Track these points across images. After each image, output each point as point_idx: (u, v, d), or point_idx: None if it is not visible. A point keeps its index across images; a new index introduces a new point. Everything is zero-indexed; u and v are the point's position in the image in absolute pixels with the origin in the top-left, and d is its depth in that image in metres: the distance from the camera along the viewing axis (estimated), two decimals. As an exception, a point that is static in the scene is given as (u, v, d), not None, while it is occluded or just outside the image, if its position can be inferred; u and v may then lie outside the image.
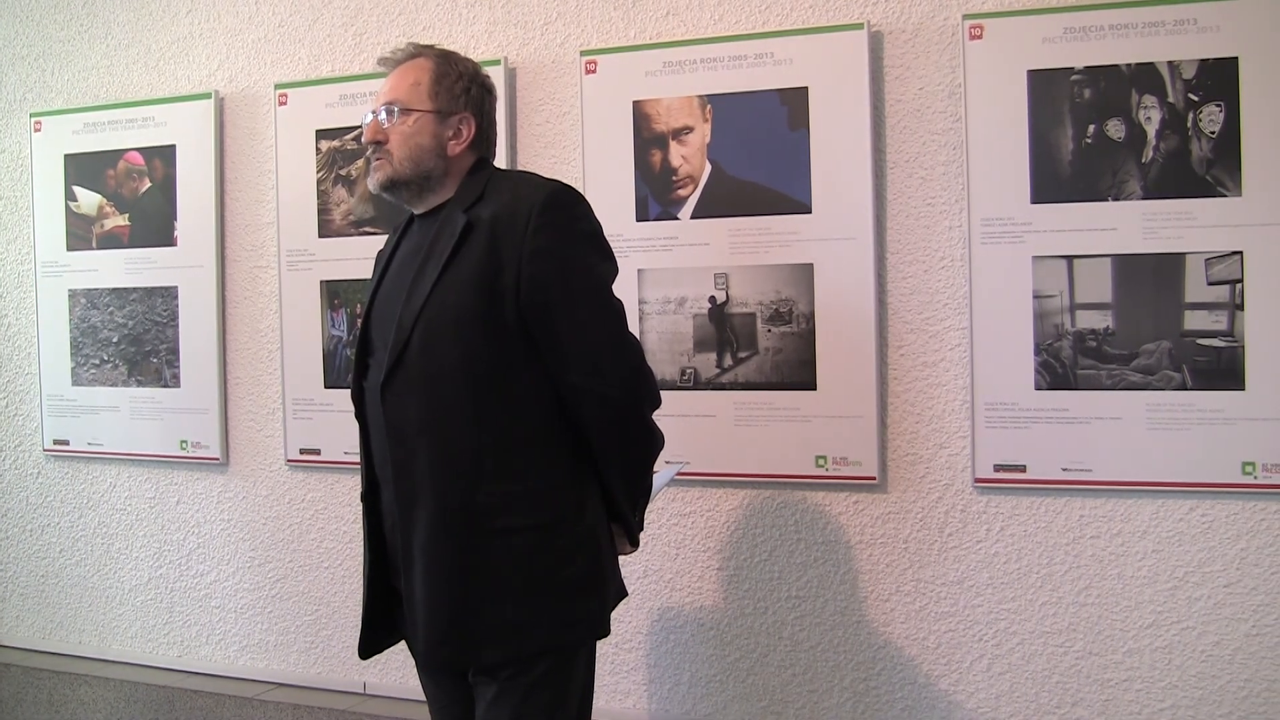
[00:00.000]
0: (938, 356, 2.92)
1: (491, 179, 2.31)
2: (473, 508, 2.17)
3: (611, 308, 2.25)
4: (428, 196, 2.33)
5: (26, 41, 4.11)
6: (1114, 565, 2.78)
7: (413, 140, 2.29)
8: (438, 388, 2.19)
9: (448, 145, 2.31)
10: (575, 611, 2.23)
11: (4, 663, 4.00)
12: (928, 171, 2.92)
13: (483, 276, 2.17)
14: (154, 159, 3.86)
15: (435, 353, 2.20)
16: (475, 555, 2.18)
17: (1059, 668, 2.82)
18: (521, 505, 2.19)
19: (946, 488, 2.91)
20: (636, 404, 2.26)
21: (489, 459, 2.18)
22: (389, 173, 2.30)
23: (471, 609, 2.18)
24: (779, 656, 3.07)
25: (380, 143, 2.31)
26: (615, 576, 2.37)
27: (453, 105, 2.32)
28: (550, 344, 2.19)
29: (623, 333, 2.26)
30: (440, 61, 2.35)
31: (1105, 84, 2.77)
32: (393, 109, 2.30)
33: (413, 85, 2.32)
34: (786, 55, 3.03)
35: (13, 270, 4.14)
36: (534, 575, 2.19)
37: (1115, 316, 2.76)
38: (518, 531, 2.18)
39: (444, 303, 2.19)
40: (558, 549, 2.21)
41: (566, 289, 2.18)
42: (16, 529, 4.14)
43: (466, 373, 2.18)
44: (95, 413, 3.96)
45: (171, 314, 3.82)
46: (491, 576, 2.18)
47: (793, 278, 3.02)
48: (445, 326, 2.18)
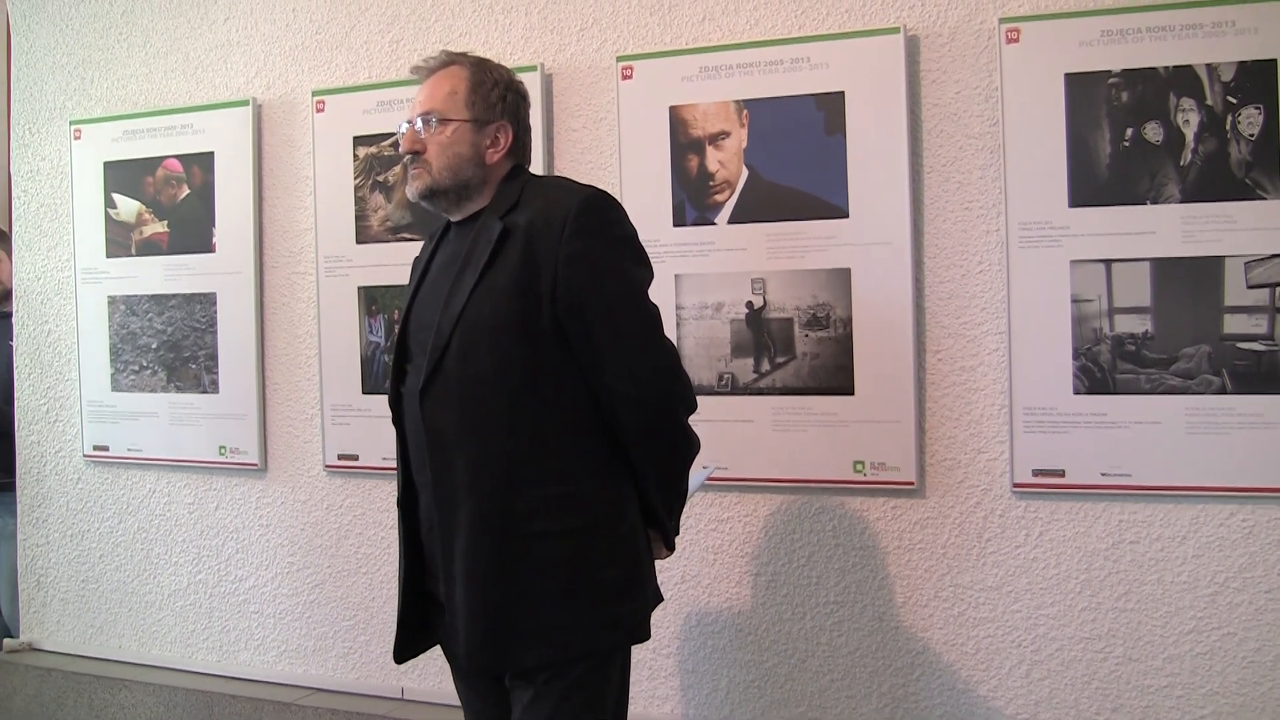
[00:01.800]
0: (975, 361, 2.99)
1: (527, 185, 2.38)
2: (511, 512, 2.24)
3: (647, 311, 2.32)
4: (465, 204, 2.41)
5: (66, 50, 4.25)
6: (1154, 570, 2.84)
7: (451, 149, 2.36)
8: (476, 393, 2.26)
9: (485, 154, 2.38)
10: (614, 615, 2.30)
11: (45, 667, 4.13)
12: (965, 175, 2.99)
13: (519, 282, 2.24)
14: (192, 166, 3.99)
15: (473, 358, 2.26)
16: (514, 559, 2.25)
17: (1099, 674, 2.88)
18: (560, 509, 2.26)
19: (985, 493, 2.98)
20: (671, 407, 2.33)
21: (527, 463, 2.25)
22: (428, 182, 2.37)
23: (511, 613, 2.25)
24: (817, 662, 3.14)
25: (418, 152, 2.38)
26: (653, 581, 2.43)
27: (489, 114, 2.39)
28: (586, 348, 2.26)
29: (658, 336, 2.33)
30: (476, 70, 2.42)
31: (1143, 87, 2.83)
32: (430, 118, 2.38)
33: (449, 94, 2.39)
34: (823, 60, 3.10)
35: (53, 277, 4.28)
36: (573, 579, 2.26)
37: (1154, 320, 2.82)
38: (556, 535, 2.25)
39: (481, 309, 2.26)
40: (596, 552, 2.28)
41: (602, 293, 2.25)
42: (57, 534, 4.27)
43: (504, 377, 2.25)
44: (135, 418, 4.08)
45: (210, 320, 3.94)
46: (531, 580, 2.25)
47: (830, 282, 3.09)
48: (483, 332, 2.25)
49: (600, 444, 2.32)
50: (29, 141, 4.34)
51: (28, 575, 4.33)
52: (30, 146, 4.34)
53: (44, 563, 4.30)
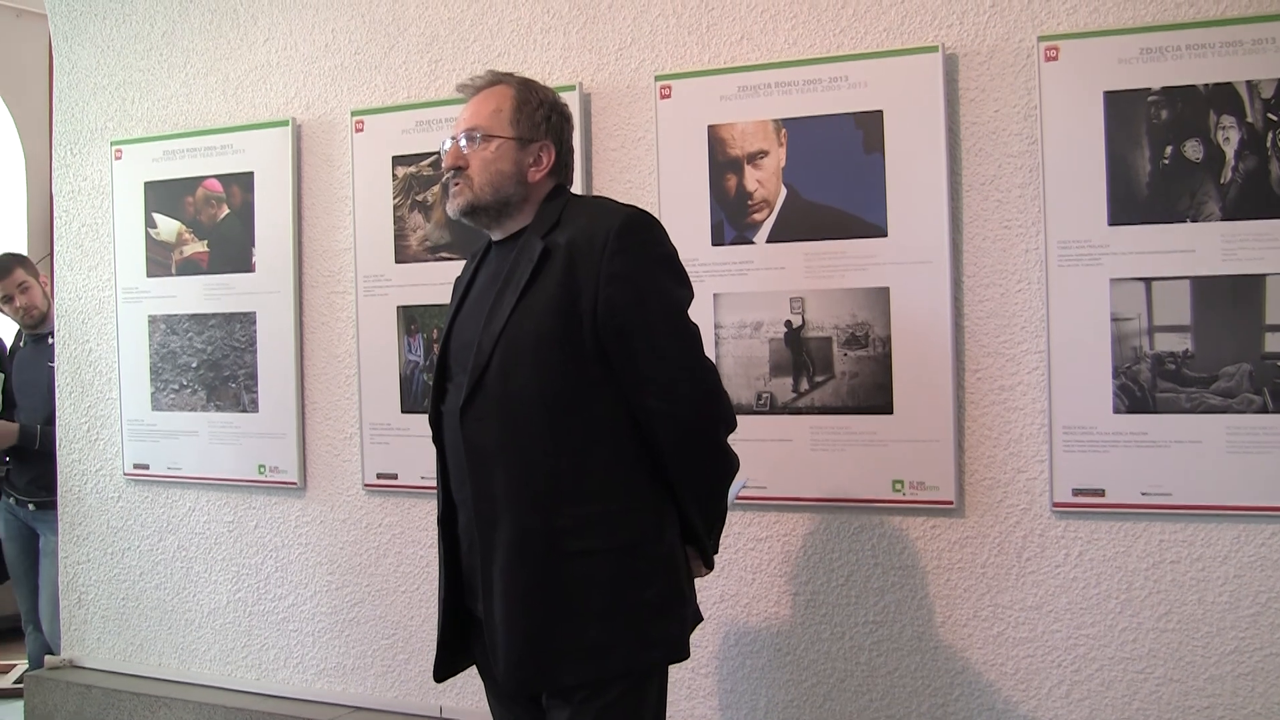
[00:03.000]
0: (1015, 380, 3.04)
1: (569, 205, 2.45)
2: (551, 530, 2.30)
3: (687, 331, 2.38)
4: (506, 222, 2.48)
5: (107, 71, 4.38)
6: (1194, 590, 2.88)
7: (493, 166, 2.43)
8: (516, 411, 2.33)
9: (528, 172, 2.45)
10: (653, 634, 2.35)
11: (85, 684, 4.25)
12: (1004, 194, 3.05)
13: (560, 301, 2.30)
14: (232, 186, 4.10)
15: (514, 376, 2.33)
16: (554, 577, 2.30)
17: (1139, 694, 2.93)
18: (600, 527, 2.32)
19: (1024, 512, 3.03)
20: (711, 427, 2.39)
21: (567, 481, 2.31)
22: (469, 198, 2.44)
23: (549, 631, 2.30)
24: (856, 682, 3.20)
25: (461, 168, 2.45)
26: (693, 600, 2.48)
27: (533, 132, 2.46)
28: (626, 367, 2.32)
29: (698, 356, 2.39)
30: (521, 89, 2.49)
31: (1182, 104, 2.88)
32: (474, 135, 2.45)
33: (494, 112, 2.46)
34: (861, 79, 3.17)
35: (94, 296, 4.40)
36: (612, 598, 2.31)
37: (1194, 339, 2.87)
38: (596, 554, 2.31)
39: (522, 327, 2.32)
40: (636, 571, 2.34)
41: (642, 313, 2.32)
42: (98, 552, 4.39)
43: (544, 396, 2.31)
44: (175, 437, 4.20)
45: (250, 339, 4.05)
46: (570, 599, 2.30)
47: (869, 301, 3.16)
48: (524, 350, 2.32)
49: (640, 463, 2.37)
50: (70, 162, 4.48)
51: (68, 593, 4.46)
52: (72, 167, 4.47)
53: (84, 580, 4.42)
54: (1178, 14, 2.89)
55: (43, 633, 4.97)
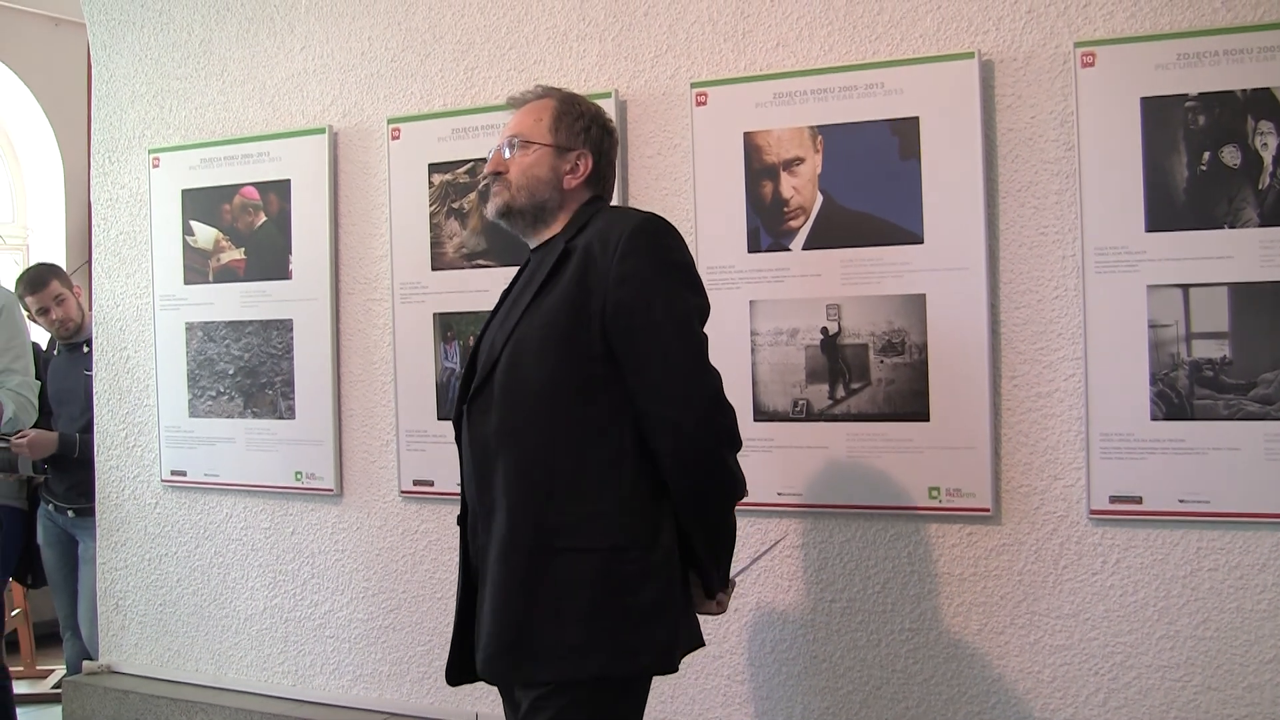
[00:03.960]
0: (1052, 387, 3.08)
1: (598, 213, 2.52)
2: (543, 524, 2.35)
3: (693, 338, 2.41)
4: (541, 228, 2.58)
5: (145, 79, 4.48)
6: (1233, 598, 2.92)
7: (531, 171, 2.54)
8: (516, 402, 2.40)
9: (564, 179, 2.55)
10: (637, 641, 2.35)
11: (123, 689, 4.34)
12: (1040, 200, 3.10)
13: (571, 300, 2.37)
14: (269, 193, 4.19)
15: (519, 369, 2.41)
16: (542, 572, 2.34)
17: (1177, 702, 2.97)
18: (592, 527, 2.35)
19: (1061, 519, 3.07)
20: (711, 438, 2.39)
21: (563, 477, 2.36)
22: (505, 199, 2.56)
23: (530, 626, 2.34)
24: (892, 690, 3.25)
25: (500, 173, 2.57)
26: (691, 616, 2.49)
27: (571, 141, 2.57)
28: (631, 369, 2.37)
29: (702, 364, 2.41)
30: (564, 101, 2.61)
31: (1220, 110, 2.92)
32: (515, 141, 2.56)
33: (535, 121, 2.58)
34: (897, 85, 3.22)
35: (132, 304, 4.50)
36: (597, 599, 2.33)
37: (1232, 346, 2.90)
38: (585, 552, 2.34)
39: (533, 323, 2.41)
40: (626, 575, 2.35)
41: (649, 315, 2.35)
42: (135, 558, 4.48)
43: (546, 389, 2.38)
44: (212, 444, 4.28)
45: (286, 346, 4.13)
46: (556, 595, 2.33)
47: (905, 308, 3.20)
48: (531, 344, 2.40)
49: (642, 468, 2.40)
50: (109, 170, 4.57)
51: (106, 598, 4.55)
52: (110, 175, 4.57)
53: (122, 586, 4.52)
54: (1215, 19, 2.92)
55: (81, 638, 5.07)
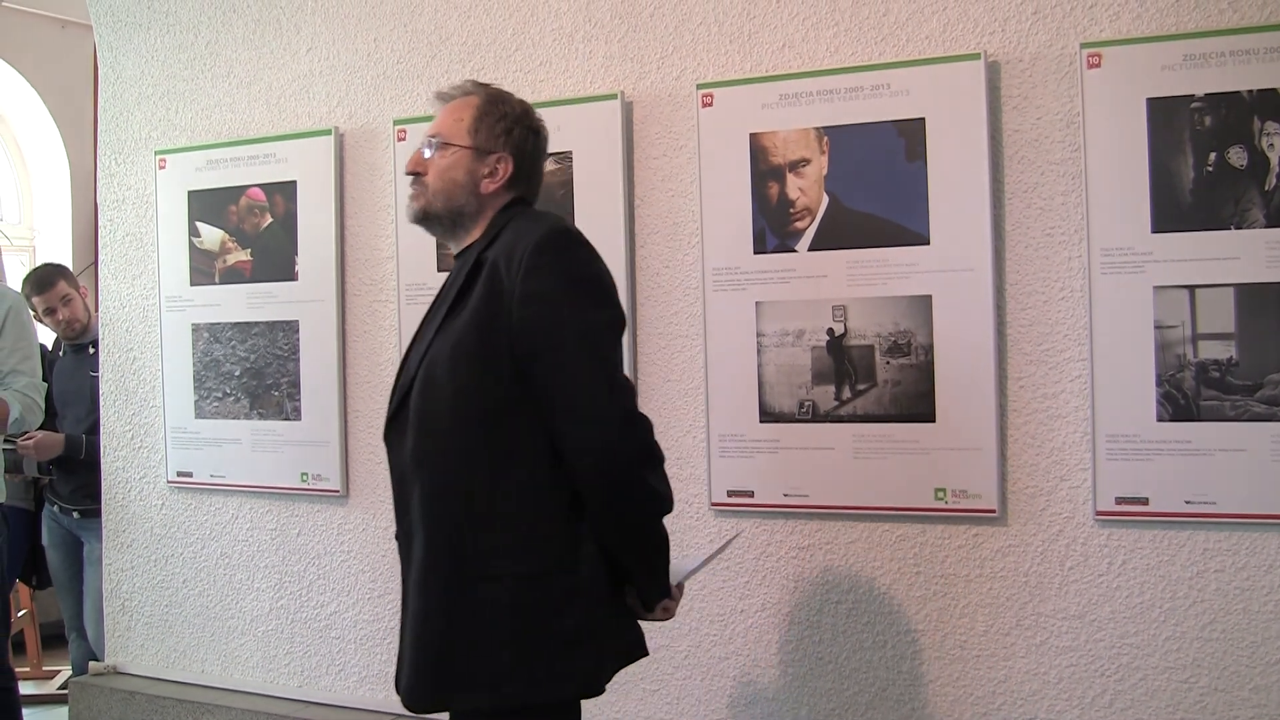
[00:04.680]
0: (1058, 388, 3.09)
1: (512, 220, 2.44)
2: (460, 551, 2.30)
3: (599, 356, 2.32)
4: (460, 234, 2.51)
5: (152, 81, 4.49)
6: (1239, 600, 2.92)
7: (447, 175, 2.46)
8: (431, 427, 2.35)
9: (481, 183, 2.46)
10: (561, 667, 2.30)
11: (129, 690, 4.36)
12: (1046, 201, 3.10)
13: (480, 319, 2.30)
14: (275, 195, 4.20)
15: (431, 393, 2.35)
16: (461, 600, 2.29)
17: (1183, 704, 2.97)
18: (511, 552, 2.29)
19: (1067, 520, 3.08)
20: (625, 457, 2.32)
21: (480, 502, 2.30)
22: (422, 204, 2.49)
23: (450, 654, 2.28)
24: (898, 691, 3.25)
25: (419, 174, 2.49)
26: (622, 633, 2.45)
27: (491, 144, 2.47)
28: (541, 390, 2.29)
29: (612, 383, 2.32)
30: (488, 100, 2.52)
31: (1226, 111, 2.92)
32: (433, 142, 2.49)
33: (455, 121, 2.49)
34: (903, 86, 3.23)
35: (138, 305, 4.51)
36: (519, 626, 2.27)
37: (1238, 347, 2.91)
38: (505, 579, 2.28)
39: (444, 344, 2.35)
40: (547, 600, 2.29)
41: (556, 335, 2.28)
42: (141, 559, 4.50)
43: (459, 413, 2.32)
44: (218, 445, 4.29)
45: (292, 348, 4.14)
46: (475, 624, 2.28)
47: (911, 309, 3.21)
48: (443, 366, 2.33)
49: (560, 489, 2.33)
50: (115, 171, 4.59)
51: (112, 599, 4.56)
52: (116, 176, 4.59)
53: (128, 587, 4.53)
54: (1221, 20, 2.93)
55: (86, 639, 5.08)
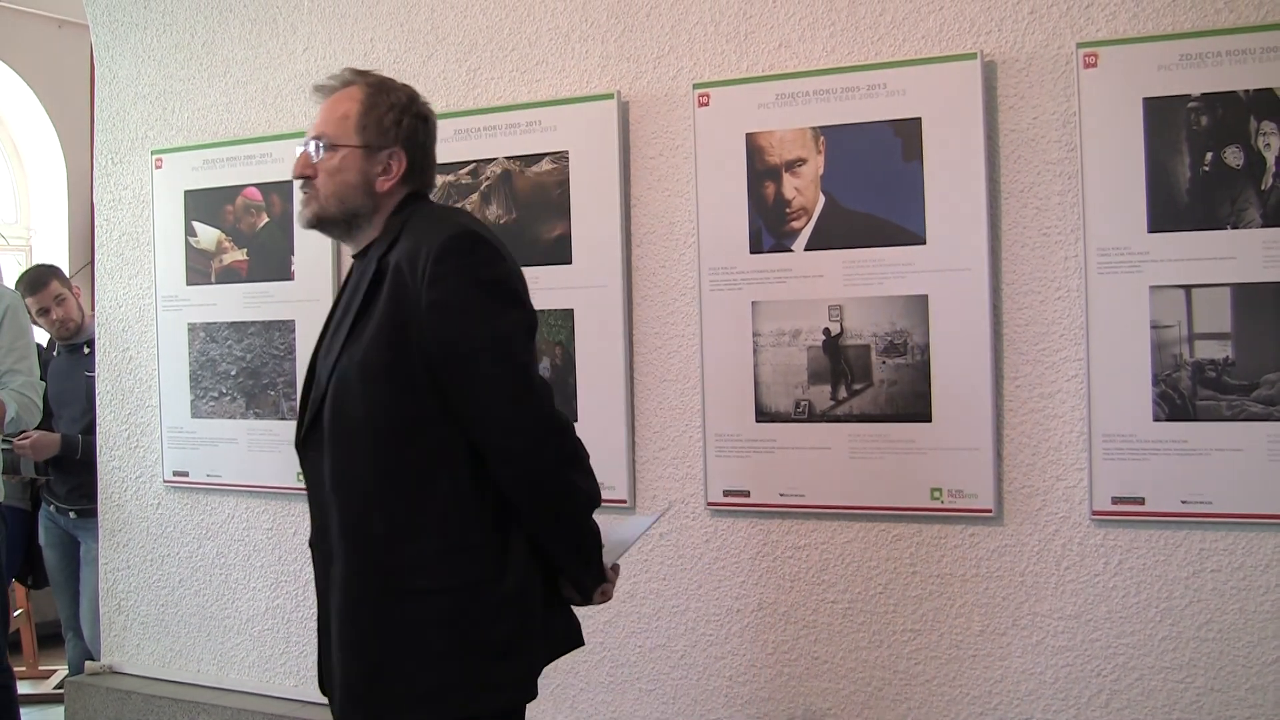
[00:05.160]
0: (1054, 388, 3.09)
1: (411, 218, 2.36)
2: (386, 569, 2.25)
3: (511, 359, 2.27)
4: (357, 235, 2.42)
5: (148, 81, 4.49)
6: (1235, 600, 2.92)
7: (338, 177, 2.35)
8: (348, 444, 2.28)
9: (376, 182, 2.37)
10: (496, 676, 2.28)
11: (125, 690, 4.36)
12: (1043, 201, 3.10)
13: (388, 329, 2.24)
14: (271, 194, 4.20)
15: (344, 409, 2.28)
16: (388, 619, 2.25)
17: (1180, 703, 2.97)
18: (438, 566, 2.25)
19: (1064, 520, 3.08)
20: (549, 460, 2.30)
21: (402, 517, 2.25)
22: (315, 209, 2.39)
23: (383, 675, 2.25)
24: (894, 691, 3.25)
25: (308, 178, 2.39)
26: (554, 631, 2.44)
27: (381, 139, 2.37)
28: (456, 400, 2.25)
29: (528, 386, 2.28)
30: (370, 92, 2.40)
31: (1223, 111, 2.92)
32: (320, 143, 2.37)
33: (340, 119, 2.37)
34: (899, 86, 3.23)
35: (134, 304, 4.51)
36: (451, 640, 2.25)
37: (1235, 346, 2.91)
38: (433, 593, 2.25)
39: (353, 357, 2.27)
40: (477, 612, 2.26)
41: (464, 341, 2.22)
42: (137, 558, 4.50)
43: (375, 429, 2.26)
44: (214, 444, 4.29)
45: (289, 347, 4.14)
46: (406, 641, 2.24)
47: (907, 309, 3.21)
48: (354, 382, 2.26)
49: (485, 496, 2.29)
50: (111, 171, 4.59)
51: (108, 599, 4.56)
52: (113, 176, 4.58)
53: (125, 587, 4.53)
54: (1218, 20, 2.93)
55: (83, 639, 5.09)
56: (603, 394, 3.56)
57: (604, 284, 3.54)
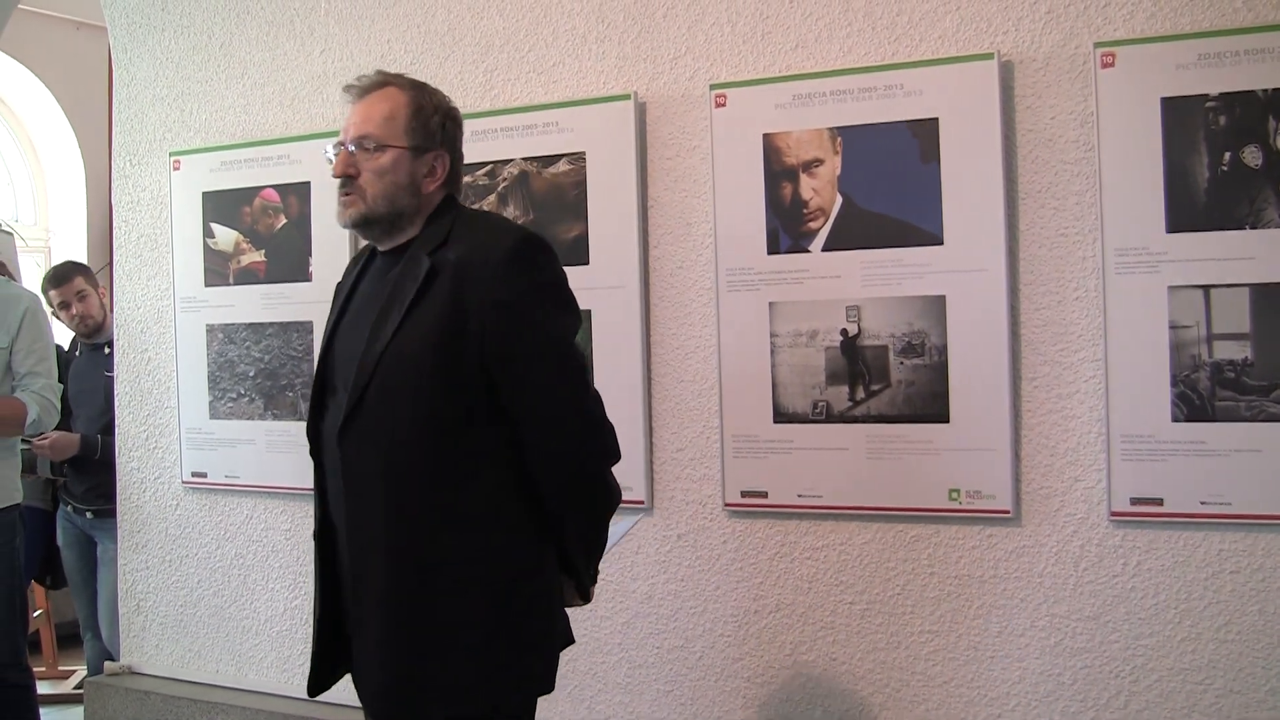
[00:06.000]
0: (1072, 389, 3.09)
1: (458, 220, 2.42)
2: (427, 562, 2.30)
3: (570, 361, 2.37)
4: (396, 234, 2.44)
5: (167, 83, 4.52)
6: (1255, 601, 2.92)
7: (387, 177, 2.37)
8: (395, 438, 2.30)
9: (423, 183, 2.41)
10: (524, 670, 2.37)
11: (144, 690, 4.38)
12: (1060, 201, 3.10)
13: (445, 324, 2.28)
14: (289, 195, 4.22)
15: (393, 403, 2.30)
16: (428, 614, 2.30)
17: (1198, 705, 2.97)
18: (478, 561, 2.31)
19: (1082, 521, 3.08)
20: (592, 461, 2.39)
21: (448, 512, 2.30)
22: (362, 210, 2.38)
23: (421, 666, 2.30)
24: (912, 692, 3.26)
25: (351, 177, 2.38)
26: (564, 630, 2.52)
27: (428, 141, 2.42)
28: (511, 397, 2.31)
29: (583, 389, 2.39)
30: (415, 94, 2.45)
31: (1241, 110, 2.92)
32: (365, 142, 2.38)
33: (387, 119, 2.39)
34: (916, 87, 3.23)
35: (153, 306, 4.54)
36: (486, 634, 2.31)
37: (1254, 347, 2.91)
38: (473, 588, 2.31)
39: (404, 350, 2.29)
40: (513, 608, 2.34)
41: (526, 341, 2.30)
42: (156, 559, 4.52)
43: (425, 425, 2.29)
44: (232, 445, 4.32)
45: (306, 348, 4.16)
46: (444, 633, 2.30)
47: (925, 310, 3.21)
48: (405, 376, 2.29)
49: (525, 497, 2.36)
50: (130, 173, 4.61)
51: (127, 599, 4.59)
52: (131, 178, 4.61)
53: (143, 587, 4.56)
54: (1236, 19, 2.93)
55: (100, 639, 5.11)
56: (620, 395, 3.56)
57: (621, 285, 3.56)
